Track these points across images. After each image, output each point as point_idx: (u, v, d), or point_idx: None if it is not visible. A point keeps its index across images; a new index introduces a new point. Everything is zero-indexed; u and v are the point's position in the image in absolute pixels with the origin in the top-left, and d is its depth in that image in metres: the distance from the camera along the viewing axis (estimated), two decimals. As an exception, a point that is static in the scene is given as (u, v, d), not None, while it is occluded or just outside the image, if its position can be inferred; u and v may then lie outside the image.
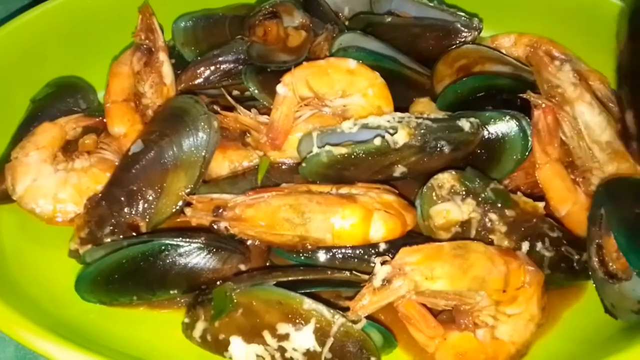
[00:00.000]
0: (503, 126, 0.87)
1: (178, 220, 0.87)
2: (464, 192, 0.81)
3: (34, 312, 0.75)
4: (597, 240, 0.77)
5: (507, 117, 0.87)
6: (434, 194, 0.82)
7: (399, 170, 0.84)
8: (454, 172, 0.82)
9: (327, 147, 0.82)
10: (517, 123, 0.86)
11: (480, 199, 0.81)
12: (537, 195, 0.89)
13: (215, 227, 0.80)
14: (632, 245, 0.73)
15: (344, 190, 0.82)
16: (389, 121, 0.82)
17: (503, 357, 0.78)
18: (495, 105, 0.90)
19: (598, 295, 0.78)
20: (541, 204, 0.83)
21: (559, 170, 0.88)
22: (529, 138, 0.86)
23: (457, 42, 1.05)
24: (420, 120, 0.83)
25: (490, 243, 0.81)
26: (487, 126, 0.87)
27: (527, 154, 0.87)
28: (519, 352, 0.78)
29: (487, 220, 0.81)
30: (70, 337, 0.70)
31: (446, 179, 0.82)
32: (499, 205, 0.81)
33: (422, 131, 0.81)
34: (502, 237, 0.81)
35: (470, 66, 1.01)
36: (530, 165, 0.89)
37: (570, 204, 0.87)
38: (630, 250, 0.73)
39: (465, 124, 0.83)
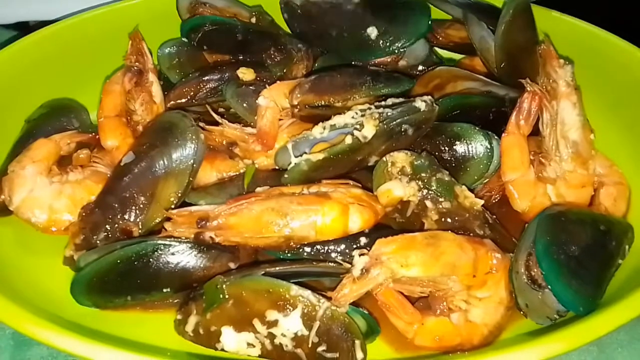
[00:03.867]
0: (475, 142, 0.95)
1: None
2: (410, 175, 0.89)
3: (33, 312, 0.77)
4: (528, 250, 0.82)
5: (481, 135, 0.95)
6: (385, 169, 0.90)
7: (373, 159, 0.92)
8: (409, 154, 0.90)
9: (305, 156, 0.89)
10: (488, 143, 0.94)
11: (422, 185, 0.88)
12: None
13: (200, 237, 0.84)
14: (547, 252, 0.80)
15: (314, 189, 0.88)
16: (353, 117, 0.89)
17: (477, 338, 0.83)
18: (470, 121, 0.98)
19: (513, 293, 0.82)
20: (480, 201, 0.89)
21: (521, 143, 0.96)
22: (495, 159, 0.94)
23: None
24: (381, 110, 0.90)
25: (422, 226, 0.88)
26: (461, 139, 0.95)
27: (487, 172, 0.95)
28: (492, 333, 0.83)
29: (423, 206, 0.88)
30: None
31: (400, 159, 0.90)
32: (438, 195, 0.88)
33: (386, 120, 0.88)
34: (432, 224, 0.88)
35: (444, 84, 1.10)
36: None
37: (518, 174, 0.95)
38: (545, 256, 0.80)
39: (420, 104, 0.91)
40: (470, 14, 1.13)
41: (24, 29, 1.44)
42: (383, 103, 0.93)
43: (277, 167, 0.96)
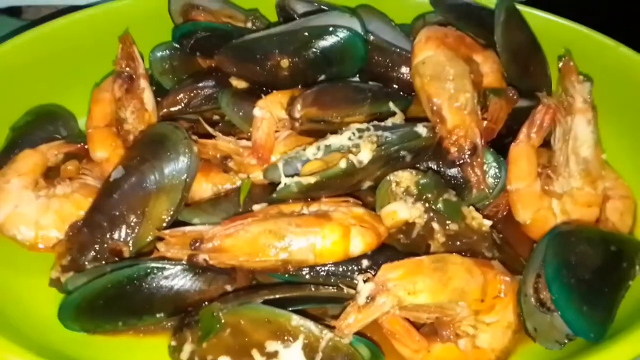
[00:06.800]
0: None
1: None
2: (416, 195, 0.85)
3: (17, 337, 0.74)
4: (537, 272, 0.80)
5: (488, 154, 0.92)
6: (389, 189, 0.86)
7: (367, 184, 0.88)
8: (414, 173, 0.87)
9: (297, 178, 0.84)
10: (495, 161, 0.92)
11: (429, 206, 0.85)
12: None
13: (194, 260, 0.80)
14: (558, 276, 0.78)
15: (314, 207, 0.84)
16: (350, 139, 0.86)
17: (484, 365, 0.80)
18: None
19: (522, 316, 0.79)
20: (489, 222, 0.86)
21: (530, 154, 0.94)
22: (502, 180, 0.92)
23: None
24: (379, 132, 0.86)
25: (427, 248, 0.85)
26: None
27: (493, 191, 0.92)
28: (499, 358, 0.81)
29: (429, 227, 0.85)
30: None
31: (405, 178, 0.86)
32: (445, 216, 0.84)
33: (384, 145, 0.84)
34: (439, 246, 0.85)
35: None
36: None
37: (524, 184, 0.93)
38: (555, 280, 0.77)
39: (422, 129, 0.88)
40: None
41: (16, 13, 1.39)
42: (382, 124, 0.89)
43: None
